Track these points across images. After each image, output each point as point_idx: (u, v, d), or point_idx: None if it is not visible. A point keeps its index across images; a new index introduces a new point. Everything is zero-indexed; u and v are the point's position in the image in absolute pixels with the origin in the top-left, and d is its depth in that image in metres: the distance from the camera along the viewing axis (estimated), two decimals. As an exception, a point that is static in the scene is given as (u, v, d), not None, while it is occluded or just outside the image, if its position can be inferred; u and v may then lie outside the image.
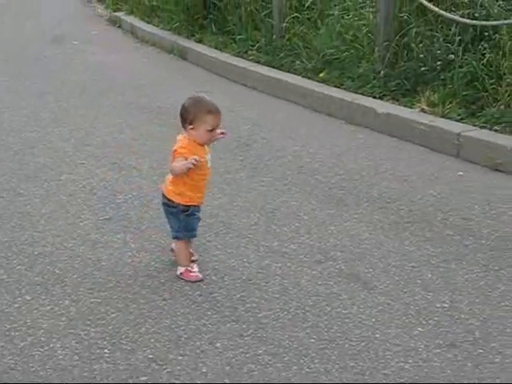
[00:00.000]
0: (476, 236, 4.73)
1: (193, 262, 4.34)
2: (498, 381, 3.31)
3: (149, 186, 5.57)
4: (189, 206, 4.24)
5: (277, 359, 3.50)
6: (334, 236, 4.76)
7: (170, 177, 4.30)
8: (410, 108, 6.92)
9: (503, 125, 6.20)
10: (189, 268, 4.26)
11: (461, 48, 6.93)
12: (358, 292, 4.10)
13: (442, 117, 6.59)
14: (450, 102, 6.70)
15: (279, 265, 4.40)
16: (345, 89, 7.59)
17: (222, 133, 4.34)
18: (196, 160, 4.06)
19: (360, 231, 4.84)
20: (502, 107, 6.38)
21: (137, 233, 4.84)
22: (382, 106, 7.02)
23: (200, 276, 4.23)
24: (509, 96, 6.36)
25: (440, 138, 6.34)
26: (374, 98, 7.27)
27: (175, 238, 4.32)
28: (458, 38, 6.99)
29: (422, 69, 7.16)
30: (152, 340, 3.66)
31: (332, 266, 4.39)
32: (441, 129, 6.38)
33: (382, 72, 7.43)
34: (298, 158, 6.15)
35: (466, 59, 6.84)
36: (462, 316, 3.85)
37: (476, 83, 6.68)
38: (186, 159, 4.10)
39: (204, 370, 3.42)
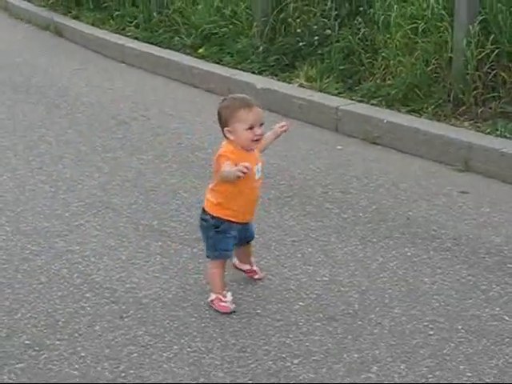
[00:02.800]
0: (354, 209, 4.79)
1: (256, 279, 3.95)
2: (376, 352, 3.35)
3: (24, 167, 5.42)
4: (221, 220, 3.68)
5: (157, 339, 3.45)
6: (214, 213, 4.72)
7: (210, 185, 3.76)
8: (289, 83, 6.95)
9: (379, 98, 6.28)
10: (220, 296, 3.70)
11: (337, 23, 7.00)
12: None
13: (320, 91, 6.64)
14: (328, 77, 6.76)
15: (159, 243, 4.34)
16: (224, 64, 7.56)
17: (282, 125, 3.91)
18: (247, 168, 3.44)
19: (240, 207, 4.82)
20: (378, 81, 6.47)
21: (12, 215, 4.69)
22: (261, 82, 7.01)
23: (230, 308, 3.66)
24: (384, 70, 6.45)
25: (318, 112, 6.38)
26: (253, 73, 7.26)
27: (206, 256, 3.80)
28: (334, 13, 7.05)
29: (300, 44, 7.20)
30: (28, 325, 3.55)
31: (213, 243, 4.35)
32: (319, 103, 6.42)
33: (261, 47, 7.43)
34: (177, 135, 6.09)
35: (342, 34, 6.91)
36: (342, 289, 3.88)
37: (353, 57, 6.76)
38: (236, 165, 3.50)
39: (82, 354, 3.34)
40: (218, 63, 7.63)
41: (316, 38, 7.10)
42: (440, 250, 4.26)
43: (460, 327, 3.52)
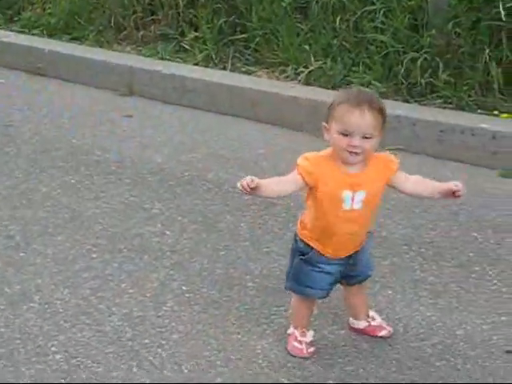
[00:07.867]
0: (17, 142, 4.66)
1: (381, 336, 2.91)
2: (39, 281, 3.27)
3: None
4: (310, 246, 2.73)
5: None
6: None
7: None
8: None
9: (41, 28, 6.13)
10: (297, 333, 2.85)
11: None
12: None
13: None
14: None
15: None
16: None
17: (456, 190, 2.57)
18: (246, 182, 2.49)
19: None
20: (38, 10, 6.30)
21: None
22: None
23: (304, 352, 2.80)
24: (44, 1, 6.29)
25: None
26: None
27: (285, 288, 2.87)
28: None
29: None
30: None
31: None
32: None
33: None
34: None
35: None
36: (3, 223, 3.76)
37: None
38: (302, 177, 2.60)
39: None
40: None
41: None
42: (104, 175, 4.26)
43: (123, 247, 3.55)
